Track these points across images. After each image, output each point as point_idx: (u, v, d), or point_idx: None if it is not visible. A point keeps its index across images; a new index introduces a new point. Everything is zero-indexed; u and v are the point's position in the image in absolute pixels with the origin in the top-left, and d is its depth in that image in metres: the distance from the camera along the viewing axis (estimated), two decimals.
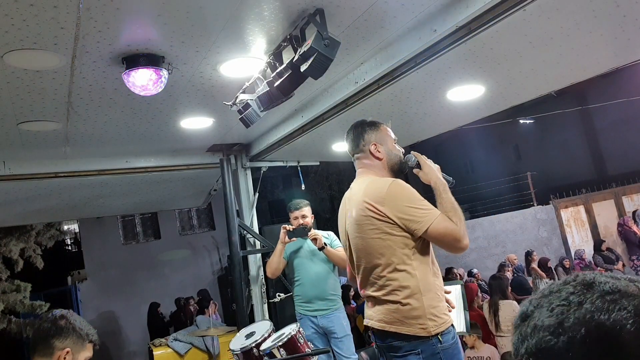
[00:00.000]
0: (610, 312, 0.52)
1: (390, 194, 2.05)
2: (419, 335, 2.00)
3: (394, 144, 2.30)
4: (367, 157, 2.26)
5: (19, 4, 2.03)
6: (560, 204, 10.31)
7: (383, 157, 2.23)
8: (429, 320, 2.00)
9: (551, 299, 0.57)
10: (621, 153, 13.17)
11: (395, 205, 2.03)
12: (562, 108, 12.65)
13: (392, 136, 2.31)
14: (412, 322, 2.01)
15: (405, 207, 2.02)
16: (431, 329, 2.00)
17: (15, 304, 8.58)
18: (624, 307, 0.52)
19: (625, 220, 9.62)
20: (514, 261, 8.78)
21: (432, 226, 1.98)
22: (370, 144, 2.24)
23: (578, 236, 10.18)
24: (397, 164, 2.26)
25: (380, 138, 2.26)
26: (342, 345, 3.82)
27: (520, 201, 11.34)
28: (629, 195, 10.44)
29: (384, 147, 2.24)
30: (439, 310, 2.05)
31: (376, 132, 2.27)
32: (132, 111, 3.59)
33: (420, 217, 2.00)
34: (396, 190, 2.06)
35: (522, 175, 11.63)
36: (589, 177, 13.58)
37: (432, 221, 1.98)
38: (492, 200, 12.00)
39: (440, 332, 2.01)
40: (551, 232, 10.16)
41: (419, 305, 2.01)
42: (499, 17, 2.44)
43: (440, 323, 2.02)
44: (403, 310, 2.03)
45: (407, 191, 2.07)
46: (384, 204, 2.04)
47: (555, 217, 10.20)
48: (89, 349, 1.77)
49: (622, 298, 0.53)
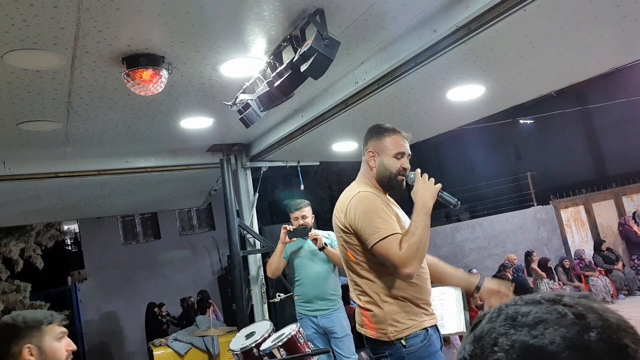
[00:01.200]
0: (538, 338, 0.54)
1: (352, 205, 2.07)
2: (381, 339, 2.06)
3: (398, 157, 2.18)
4: (365, 163, 2.26)
5: (19, 4, 2.03)
6: (560, 204, 10.31)
7: (374, 168, 2.20)
8: (389, 326, 2.03)
9: (483, 345, 0.58)
10: (621, 153, 13.17)
11: (353, 217, 2.05)
12: (562, 108, 12.66)
13: (396, 149, 2.18)
14: (375, 326, 2.07)
15: (360, 220, 2.03)
16: (391, 334, 2.02)
17: (15, 304, 8.59)
18: (546, 334, 0.54)
19: (626, 219, 9.63)
20: (514, 261, 8.79)
21: (376, 245, 1.97)
22: (368, 150, 2.23)
23: (578, 236, 10.18)
24: (386, 178, 2.19)
25: (379, 148, 2.20)
26: (342, 345, 3.82)
27: (520, 201, 11.34)
28: (629, 195, 10.44)
29: (379, 158, 2.19)
30: (404, 316, 2.04)
31: (377, 141, 2.21)
32: (132, 111, 3.59)
33: (370, 234, 1.99)
34: (357, 202, 2.07)
35: (522, 175, 11.64)
36: (589, 177, 13.58)
37: (377, 239, 1.97)
38: (492, 200, 12.01)
39: (402, 337, 2.02)
40: (551, 232, 10.16)
41: (379, 312, 2.05)
42: (499, 17, 2.45)
43: (402, 329, 2.02)
44: (367, 315, 2.10)
45: (367, 204, 2.06)
46: (346, 214, 2.08)
47: (555, 217, 10.20)
48: (51, 330, 1.73)
49: (547, 327, 0.55)
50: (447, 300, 2.37)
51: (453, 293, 2.35)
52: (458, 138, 14.18)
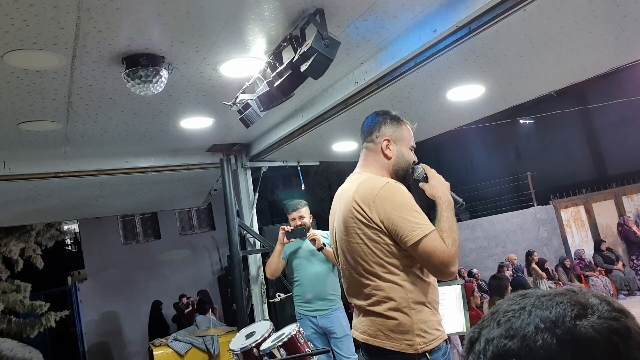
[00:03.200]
0: (550, 308, 0.58)
1: (382, 197, 1.82)
2: (404, 352, 1.80)
3: (412, 150, 2.05)
4: (375, 151, 2.01)
5: (19, 4, 2.03)
6: (560, 204, 10.31)
7: (392, 157, 1.99)
8: (417, 337, 1.80)
9: (494, 316, 0.61)
10: (621, 153, 13.15)
11: (384, 210, 1.80)
12: (562, 108, 12.65)
13: (411, 141, 2.06)
14: (398, 337, 1.81)
15: (395, 214, 1.79)
16: (419, 346, 1.79)
17: (15, 304, 8.58)
18: (559, 302, 0.59)
19: (625, 220, 9.63)
20: (514, 261, 8.80)
21: (421, 242, 1.75)
22: (384, 138, 1.99)
23: (578, 236, 10.19)
24: (404, 169, 2.01)
25: (397, 136, 2.01)
26: (341, 345, 3.82)
27: (520, 201, 11.34)
28: (629, 195, 10.45)
29: (397, 147, 2.00)
30: (431, 325, 1.84)
31: (395, 128, 2.02)
32: (132, 111, 3.59)
33: (410, 230, 1.76)
34: (389, 194, 1.82)
35: (522, 175, 11.64)
36: (589, 177, 13.57)
37: (421, 236, 1.75)
38: (492, 200, 12.00)
39: (429, 350, 1.80)
40: (551, 232, 10.16)
41: (407, 320, 1.81)
42: (499, 17, 2.44)
43: (430, 340, 1.82)
44: (389, 324, 1.83)
45: (401, 196, 1.83)
46: (372, 208, 1.82)
47: (555, 217, 10.20)
48: None
49: (555, 296, 0.60)
50: (447, 300, 2.37)
51: (453, 293, 2.35)
52: (458, 138, 14.16)
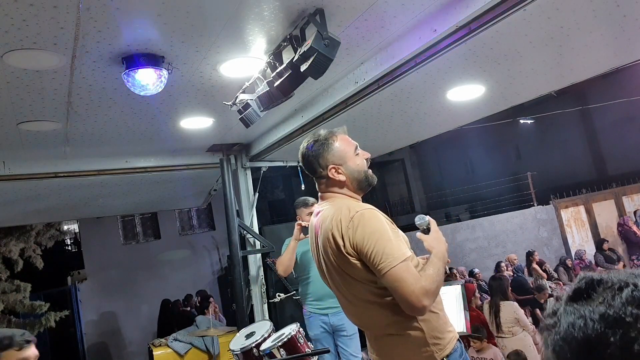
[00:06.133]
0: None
1: (354, 225, 1.74)
2: None
3: (356, 153, 1.96)
4: (329, 180, 1.93)
5: (19, 4, 2.03)
6: (560, 204, 10.32)
7: (345, 179, 1.91)
8: (432, 346, 1.77)
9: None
10: (621, 153, 13.16)
11: (356, 237, 1.72)
12: (562, 108, 12.66)
13: (350, 146, 1.95)
14: (418, 350, 1.79)
15: (367, 245, 1.69)
16: (436, 354, 1.77)
17: (15, 304, 8.58)
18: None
19: (625, 220, 9.63)
20: (514, 261, 8.79)
21: (389, 272, 1.64)
22: (329, 167, 1.91)
23: (578, 236, 10.19)
24: (364, 178, 1.93)
25: (338, 156, 1.91)
26: (350, 343, 3.81)
27: (520, 201, 11.35)
28: (629, 195, 10.45)
29: (344, 166, 1.91)
30: (442, 330, 1.82)
31: (332, 151, 1.91)
32: (132, 111, 3.59)
33: (380, 261, 1.66)
34: (361, 222, 1.73)
35: (522, 175, 11.64)
36: (589, 177, 13.58)
37: (389, 267, 1.65)
38: (492, 200, 12.01)
39: (447, 355, 1.78)
40: (551, 232, 10.16)
41: (419, 334, 1.77)
42: (499, 17, 2.44)
43: (445, 344, 1.79)
44: (402, 342, 1.80)
45: (374, 222, 1.74)
46: (346, 237, 1.75)
47: (555, 217, 10.20)
48: (8, 356, 1.66)
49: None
50: (447, 300, 2.37)
51: (453, 293, 2.35)
52: (458, 138, 14.16)
